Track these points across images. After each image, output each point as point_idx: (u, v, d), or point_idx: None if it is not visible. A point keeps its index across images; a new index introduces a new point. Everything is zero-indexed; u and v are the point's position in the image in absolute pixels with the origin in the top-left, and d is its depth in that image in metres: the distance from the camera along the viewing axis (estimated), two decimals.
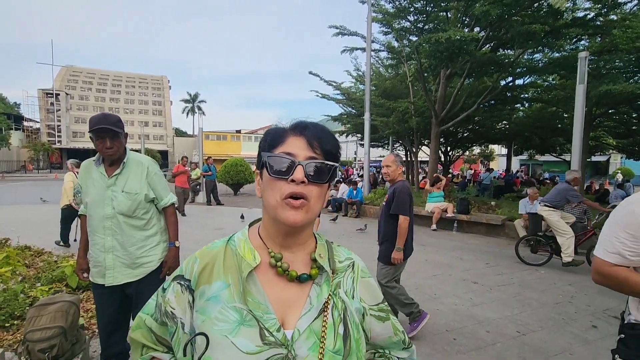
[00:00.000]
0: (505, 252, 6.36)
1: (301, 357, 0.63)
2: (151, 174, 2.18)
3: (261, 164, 0.70)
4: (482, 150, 34.50)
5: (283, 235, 0.70)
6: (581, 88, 6.99)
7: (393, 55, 13.16)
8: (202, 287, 0.68)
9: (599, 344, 3.03)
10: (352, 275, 0.77)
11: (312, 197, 0.66)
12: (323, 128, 0.71)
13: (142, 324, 0.76)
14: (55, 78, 50.43)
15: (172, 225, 2.29)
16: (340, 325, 0.68)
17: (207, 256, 0.72)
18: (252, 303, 0.65)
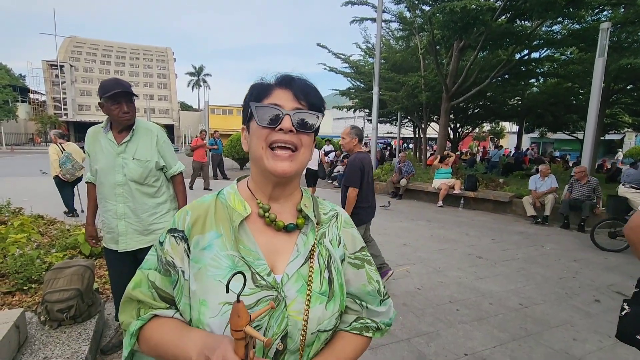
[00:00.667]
0: (512, 229, 6.37)
1: (290, 297, 0.68)
2: (160, 142, 2.18)
3: (248, 116, 0.72)
4: (492, 128, 33.86)
5: (272, 187, 0.73)
6: (600, 62, 6.72)
7: (404, 26, 12.66)
8: (195, 237, 0.71)
9: (601, 317, 3.07)
10: (336, 224, 0.81)
11: (302, 146, 0.69)
12: (308, 82, 0.72)
13: (143, 280, 0.73)
14: (59, 49, 49.81)
15: (181, 194, 2.30)
16: (325, 270, 0.73)
17: (198, 209, 0.74)
18: (243, 250, 0.69)
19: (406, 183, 9.38)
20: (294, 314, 0.67)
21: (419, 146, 17.69)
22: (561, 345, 2.58)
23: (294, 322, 0.66)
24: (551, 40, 9.78)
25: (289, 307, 0.67)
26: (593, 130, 7.04)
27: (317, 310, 0.68)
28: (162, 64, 59.79)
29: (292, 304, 0.67)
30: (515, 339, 2.66)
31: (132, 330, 0.69)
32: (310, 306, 0.67)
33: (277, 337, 0.65)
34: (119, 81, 2.04)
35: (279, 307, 0.66)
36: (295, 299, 0.67)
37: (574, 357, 2.45)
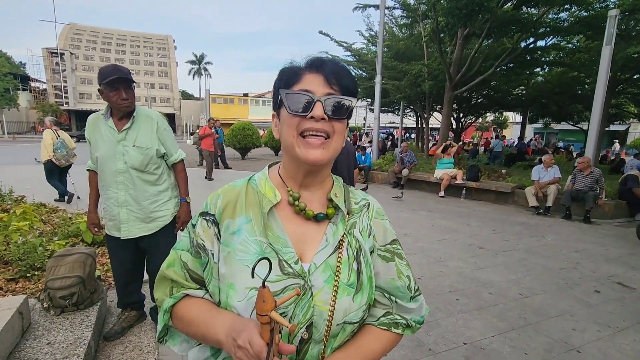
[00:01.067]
0: (513, 219, 6.36)
1: (317, 287, 0.67)
2: (161, 129, 2.17)
3: (278, 103, 0.70)
4: (495, 118, 33.54)
5: (303, 174, 0.72)
6: (607, 50, 6.60)
7: (408, 14, 12.44)
8: (226, 222, 0.71)
9: (601, 307, 3.08)
10: (367, 215, 0.78)
11: (334, 133, 0.67)
12: (340, 64, 0.69)
13: (176, 260, 0.75)
14: (59, 37, 49.35)
15: (183, 181, 2.29)
16: (354, 262, 0.72)
17: (229, 193, 0.75)
18: (272, 237, 0.68)
19: (408, 173, 9.35)
20: (320, 304, 0.66)
21: (422, 136, 17.56)
22: (560, 335, 2.60)
23: (320, 312, 0.66)
24: (558, 28, 9.59)
25: (315, 297, 0.66)
26: (598, 121, 6.95)
27: (344, 301, 0.67)
28: (163, 52, 59.23)
29: (319, 294, 0.66)
30: (515, 328, 2.67)
31: (165, 307, 0.73)
32: (337, 297, 0.67)
33: (302, 326, 0.65)
34: (117, 67, 2.00)
35: (305, 296, 0.66)
36: (322, 289, 0.67)
37: (572, 346, 2.46)
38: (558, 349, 2.42)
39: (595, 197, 6.30)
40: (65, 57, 45.75)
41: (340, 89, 0.67)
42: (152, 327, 2.47)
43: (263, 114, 48.59)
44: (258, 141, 15.63)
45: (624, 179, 6.99)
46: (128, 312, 2.44)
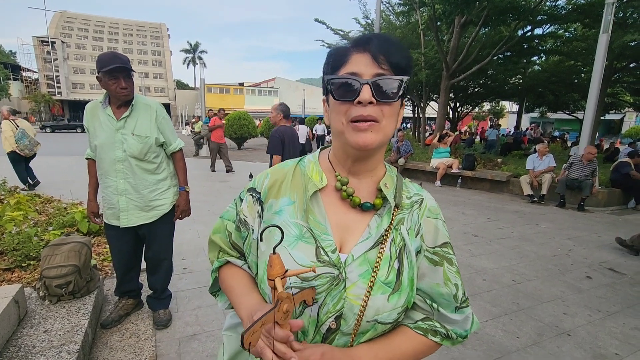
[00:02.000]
0: (508, 208, 6.41)
1: (351, 280, 0.65)
2: (160, 118, 2.16)
3: (325, 89, 0.67)
4: (492, 107, 33.53)
5: (352, 160, 0.70)
6: (604, 38, 6.57)
7: (405, 1, 12.27)
8: (270, 201, 0.72)
9: (592, 292, 3.14)
10: (419, 212, 0.73)
11: (384, 119, 0.63)
12: (389, 38, 0.64)
13: (222, 228, 0.80)
14: (50, 25, 48.34)
15: (181, 170, 2.31)
16: (396, 261, 0.67)
17: (277, 173, 0.75)
18: (312, 221, 0.67)
19: (404, 162, 9.36)
20: (352, 298, 0.64)
21: (418, 125, 17.53)
22: (551, 319, 2.65)
23: (351, 306, 0.64)
24: (555, 16, 9.52)
25: (348, 290, 0.64)
26: (593, 110, 6.97)
27: (378, 299, 0.64)
28: (157, 41, 58.28)
29: (352, 287, 0.64)
30: (507, 313, 2.72)
31: (213, 267, 0.81)
32: (371, 294, 0.64)
33: (331, 316, 0.64)
34: (116, 55, 1.97)
35: (338, 286, 0.64)
36: (355, 283, 0.64)
37: (563, 330, 2.52)
38: (549, 333, 2.47)
39: (591, 186, 6.36)
40: (56, 46, 44.88)
41: (390, 67, 0.62)
42: (149, 314, 2.48)
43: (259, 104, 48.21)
44: (254, 131, 15.54)
45: (615, 167, 7.05)
46: (125, 300, 2.45)
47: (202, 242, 4.01)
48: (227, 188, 7.26)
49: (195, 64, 62.89)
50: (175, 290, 2.87)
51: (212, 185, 7.49)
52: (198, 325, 2.41)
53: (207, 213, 5.21)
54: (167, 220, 2.29)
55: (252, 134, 15.55)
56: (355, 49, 0.64)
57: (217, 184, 7.69)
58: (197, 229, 4.47)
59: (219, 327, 2.37)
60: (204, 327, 2.39)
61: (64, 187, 6.08)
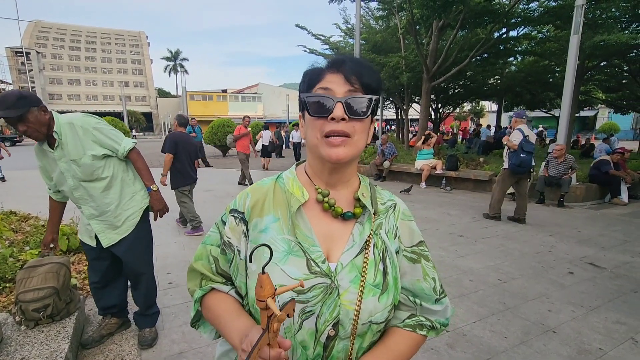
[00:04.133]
0: None
1: (343, 287, 0.68)
2: (88, 131, 1.99)
3: (301, 105, 0.72)
4: (472, 107, 34.27)
5: (328, 172, 0.73)
6: (575, 39, 6.82)
7: (384, 6, 12.48)
8: (255, 220, 0.73)
9: (574, 288, 3.22)
10: (394, 215, 0.79)
11: (355, 134, 0.67)
12: (361, 61, 0.70)
13: (205, 254, 0.79)
14: (24, 35, 46.93)
15: (142, 170, 2.17)
16: (380, 262, 0.72)
17: (258, 192, 0.77)
18: (300, 235, 0.70)
19: (389, 165, 9.45)
20: (346, 304, 0.67)
21: (401, 127, 17.75)
22: (537, 317, 2.70)
23: (346, 312, 0.67)
24: (528, 18, 9.84)
25: (341, 297, 0.67)
26: (569, 107, 7.20)
27: (370, 302, 0.68)
28: (136, 49, 57.31)
29: (345, 294, 0.67)
30: (494, 313, 2.76)
31: (195, 297, 0.78)
32: (363, 297, 0.68)
33: (329, 324, 0.66)
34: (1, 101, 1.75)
35: (332, 295, 0.67)
36: (348, 289, 0.68)
37: (548, 327, 2.57)
38: (535, 331, 2.52)
39: (569, 182, 6.55)
40: (31, 57, 43.57)
41: (361, 87, 0.67)
42: (134, 334, 2.41)
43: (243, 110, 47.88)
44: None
45: (596, 164, 7.29)
46: (108, 320, 2.37)
47: (188, 255, 3.93)
48: (213, 198, 7.16)
49: (177, 71, 62.08)
50: (161, 307, 2.79)
51: (198, 195, 7.34)
52: (185, 342, 2.35)
53: None
54: (141, 230, 2.20)
55: None
56: (329, 70, 0.69)
57: (202, 194, 7.57)
58: (182, 241, 4.39)
59: (207, 344, 2.32)
60: (192, 344, 2.33)
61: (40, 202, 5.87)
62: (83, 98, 50.46)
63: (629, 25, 9.95)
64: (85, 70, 52.19)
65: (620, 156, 7.21)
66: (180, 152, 4.58)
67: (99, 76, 52.75)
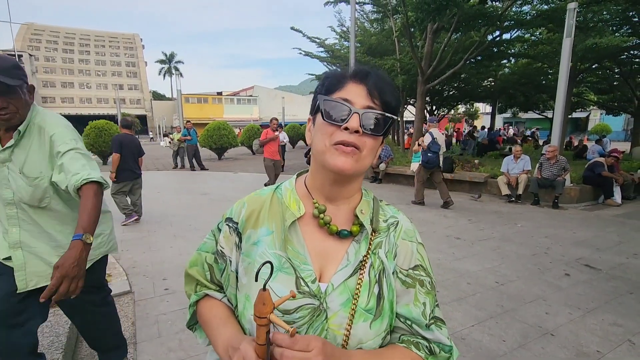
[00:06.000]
0: (487, 208, 6.57)
1: (333, 310, 0.64)
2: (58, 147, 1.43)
3: (315, 107, 0.68)
4: (467, 109, 34.55)
5: (330, 185, 0.69)
6: (568, 42, 6.90)
7: (378, 9, 12.55)
8: (248, 232, 0.71)
9: (571, 290, 3.24)
10: (395, 234, 0.74)
11: (365, 149, 0.64)
12: (385, 78, 0.67)
13: (200, 261, 0.78)
14: (16, 38, 46.42)
15: (85, 212, 1.33)
16: (376, 285, 0.68)
17: (255, 203, 0.74)
18: (291, 252, 0.67)
19: (385, 167, 9.46)
20: (334, 328, 0.63)
21: (397, 130, 17.83)
22: (535, 320, 2.71)
23: (333, 336, 0.63)
24: (521, 21, 9.95)
25: (329, 320, 0.63)
26: (562, 109, 7.28)
27: (360, 327, 0.64)
28: (131, 52, 57.06)
29: (334, 317, 0.64)
30: (492, 316, 2.76)
31: (190, 301, 0.78)
32: (353, 322, 0.63)
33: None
34: None
35: (319, 317, 0.63)
36: (337, 313, 0.64)
37: (546, 330, 2.58)
38: (533, 334, 2.52)
39: (563, 184, 6.61)
40: (24, 59, 43.09)
41: (381, 104, 0.65)
42: (129, 342, 2.37)
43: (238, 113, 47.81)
44: (234, 141, 15.39)
45: (590, 166, 7.36)
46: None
47: (185, 260, 3.89)
48: (209, 201, 7.12)
49: (172, 74, 61.84)
50: (157, 314, 2.77)
51: (194, 199, 7.33)
52: (182, 350, 2.32)
53: (189, 228, 5.09)
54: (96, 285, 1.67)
55: (232, 144, 15.39)
56: (352, 79, 0.66)
57: (198, 197, 7.53)
58: (179, 246, 4.35)
59: (205, 351, 2.29)
60: (189, 352, 2.30)
61: None
62: (77, 101, 50.04)
63: (620, 28, 10.11)
64: (79, 73, 51.80)
65: (615, 160, 7.29)
66: (125, 151, 5.14)
67: (92, 79, 52.38)
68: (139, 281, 3.36)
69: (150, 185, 9.04)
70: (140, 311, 2.82)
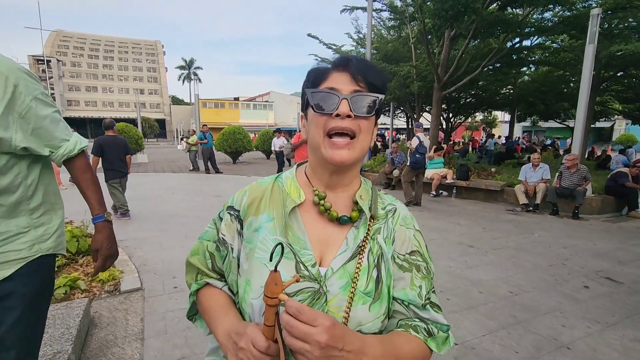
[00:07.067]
0: (503, 217, 6.40)
1: (332, 293, 0.65)
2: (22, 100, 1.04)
3: (305, 102, 0.71)
4: (484, 117, 33.96)
5: (329, 174, 0.71)
6: (591, 48, 6.72)
7: (395, 16, 12.53)
8: (250, 219, 0.72)
9: (590, 303, 3.10)
10: (393, 221, 0.76)
11: (360, 132, 0.66)
12: (367, 61, 0.69)
13: (201, 249, 0.79)
14: (45, 44, 48.62)
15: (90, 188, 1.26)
16: (374, 269, 0.69)
17: (256, 191, 0.76)
18: (292, 237, 0.68)
19: (399, 174, 9.36)
20: (334, 311, 0.64)
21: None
22: (550, 332, 2.60)
23: None
24: (542, 28, 9.74)
25: (329, 303, 0.65)
26: (583, 118, 7.06)
27: (359, 310, 0.65)
28: (152, 57, 58.82)
29: (333, 300, 0.65)
30: (504, 326, 2.67)
31: (191, 290, 0.79)
32: (352, 305, 0.65)
33: None
34: None
35: (319, 301, 0.65)
36: (336, 295, 0.65)
37: (562, 343, 2.46)
38: (548, 347, 2.42)
39: (584, 194, 6.38)
40: (52, 64, 45.14)
41: (367, 86, 0.67)
42: (136, 337, 2.40)
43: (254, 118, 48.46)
44: (249, 145, 15.57)
45: (613, 176, 7.09)
46: None
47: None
48: (221, 203, 7.12)
49: (191, 79, 63.31)
50: (164, 311, 2.79)
51: (206, 201, 7.43)
52: (188, 347, 2.33)
53: (200, 229, 5.06)
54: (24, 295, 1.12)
55: (247, 148, 15.57)
56: (335, 68, 0.68)
57: (211, 199, 7.63)
58: (190, 246, 4.37)
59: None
60: (194, 349, 2.31)
61: None
62: (100, 104, 51.82)
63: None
64: (103, 77, 53.71)
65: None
66: (107, 152, 5.41)
67: (115, 83, 54.19)
68: (150, 279, 3.41)
69: (165, 187, 9.23)
70: (148, 307, 2.85)
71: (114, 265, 3.55)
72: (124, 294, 3.07)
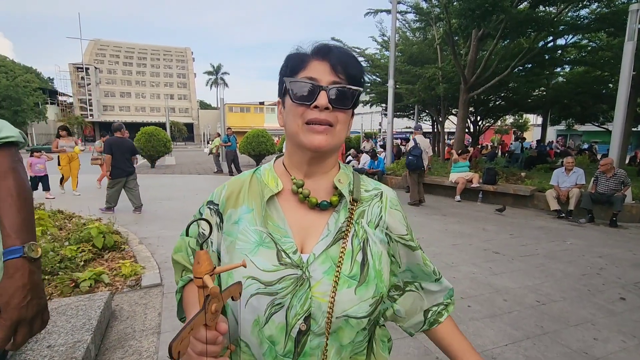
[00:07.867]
0: (532, 223, 6.09)
1: (316, 279, 0.65)
2: None
3: (283, 90, 0.70)
4: (515, 120, 32.67)
5: (307, 162, 0.70)
6: (630, 46, 6.32)
7: (421, 17, 12.33)
8: (229, 211, 0.72)
9: (626, 315, 2.87)
10: (380, 205, 0.75)
11: (338, 123, 0.66)
12: (347, 52, 0.68)
13: (184, 246, 0.78)
14: (84, 52, 51.67)
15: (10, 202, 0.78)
16: (360, 253, 0.69)
17: (234, 184, 0.76)
18: (272, 226, 0.68)
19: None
20: (319, 296, 0.64)
21: (437, 140, 17.25)
22: (580, 345, 2.43)
23: (318, 304, 0.64)
24: (576, 26, 9.26)
25: (313, 288, 0.64)
26: (622, 120, 6.63)
27: (344, 294, 0.64)
28: (182, 64, 61.04)
29: (317, 285, 0.64)
30: (530, 337, 2.52)
31: (177, 288, 0.78)
32: (337, 289, 0.64)
33: (300, 318, 0.63)
34: None
35: (303, 286, 0.64)
36: (320, 280, 0.64)
37: (593, 357, 2.29)
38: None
39: (623, 200, 5.97)
40: (90, 72, 47.89)
41: (346, 78, 0.66)
42: (153, 331, 2.46)
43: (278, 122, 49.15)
44: (272, 148, 15.76)
45: None
46: None
47: None
48: None
49: (217, 84, 65.17)
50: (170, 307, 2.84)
51: None
52: None
53: None
54: None
55: (270, 151, 15.76)
56: (315, 56, 0.67)
57: None
58: None
59: None
60: None
61: (85, 203, 6.31)
62: (132, 109, 54.33)
63: None
64: (136, 84, 56.33)
65: None
66: (115, 152, 5.88)
67: (147, 89, 56.68)
68: (170, 275, 3.49)
69: (191, 188, 9.49)
70: (167, 303, 2.92)
71: (136, 261, 3.68)
72: (144, 289, 3.16)
